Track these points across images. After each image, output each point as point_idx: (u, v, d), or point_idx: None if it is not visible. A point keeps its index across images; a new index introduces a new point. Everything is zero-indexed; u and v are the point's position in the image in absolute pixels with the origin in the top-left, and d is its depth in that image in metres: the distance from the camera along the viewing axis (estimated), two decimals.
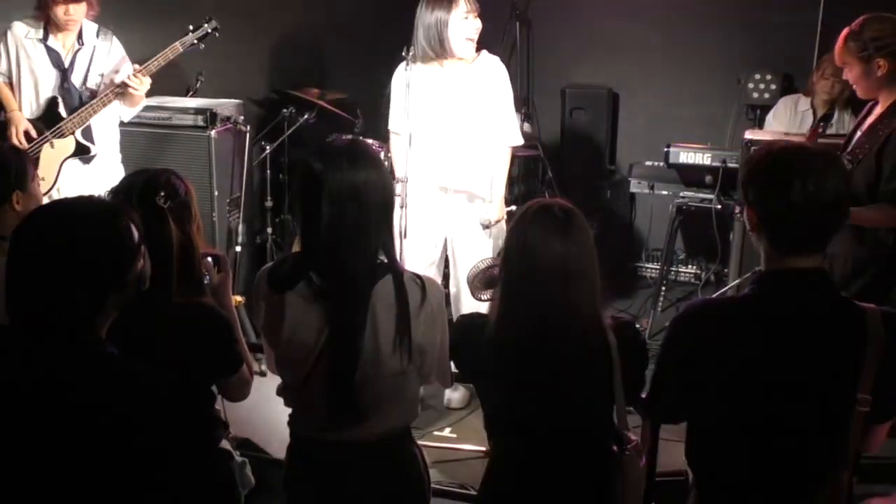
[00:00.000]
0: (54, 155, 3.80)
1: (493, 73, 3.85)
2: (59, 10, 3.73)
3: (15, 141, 3.71)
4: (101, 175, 3.99)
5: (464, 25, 3.71)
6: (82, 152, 3.90)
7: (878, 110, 3.15)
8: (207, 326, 2.22)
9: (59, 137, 3.82)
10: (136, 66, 3.84)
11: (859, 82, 3.14)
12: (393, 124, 3.97)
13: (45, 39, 3.83)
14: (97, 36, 3.94)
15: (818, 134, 3.68)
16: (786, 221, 1.85)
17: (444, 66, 3.80)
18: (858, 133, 3.21)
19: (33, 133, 3.76)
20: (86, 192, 3.79)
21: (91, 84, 3.91)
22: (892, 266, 3.12)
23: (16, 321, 1.63)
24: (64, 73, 3.86)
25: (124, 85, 3.81)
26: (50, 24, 3.83)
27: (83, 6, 3.76)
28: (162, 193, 2.18)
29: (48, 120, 3.83)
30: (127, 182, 2.28)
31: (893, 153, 2.99)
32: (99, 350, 1.66)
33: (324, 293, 2.09)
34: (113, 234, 1.67)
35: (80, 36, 3.89)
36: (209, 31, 3.99)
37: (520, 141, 3.97)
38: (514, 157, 4.09)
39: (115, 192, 2.29)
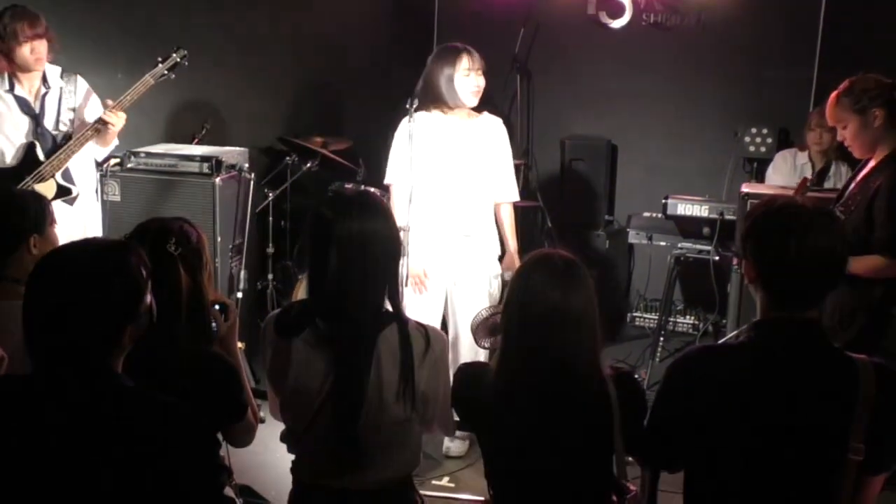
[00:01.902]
0: None
1: (495, 133, 3.99)
2: (26, 50, 3.76)
3: None
4: (82, 215, 4.02)
5: (466, 81, 3.85)
6: (64, 194, 3.92)
7: (871, 163, 3.22)
8: (215, 374, 2.24)
9: (39, 182, 3.82)
10: (110, 102, 3.88)
11: (856, 138, 3.20)
12: (390, 177, 4.03)
13: (11, 89, 3.86)
14: (61, 77, 3.98)
15: (807, 187, 3.75)
16: (782, 277, 1.89)
17: (446, 115, 3.90)
18: (852, 185, 3.28)
19: None
20: (69, 233, 3.81)
21: (63, 126, 3.93)
22: (878, 317, 3.15)
23: (37, 362, 1.67)
24: (36, 119, 3.89)
25: (102, 122, 3.85)
26: (13, 73, 3.86)
27: (45, 43, 3.80)
28: (173, 240, 2.22)
29: (27, 166, 3.83)
30: (140, 228, 2.32)
31: (884, 204, 3.06)
32: (118, 383, 1.70)
33: (329, 340, 2.12)
34: (124, 267, 1.72)
35: (44, 80, 3.92)
36: (178, 60, 4.00)
37: (517, 197, 4.12)
38: (514, 209, 4.18)
39: (128, 238, 2.33)
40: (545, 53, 6.12)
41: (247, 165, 4.55)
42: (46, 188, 3.85)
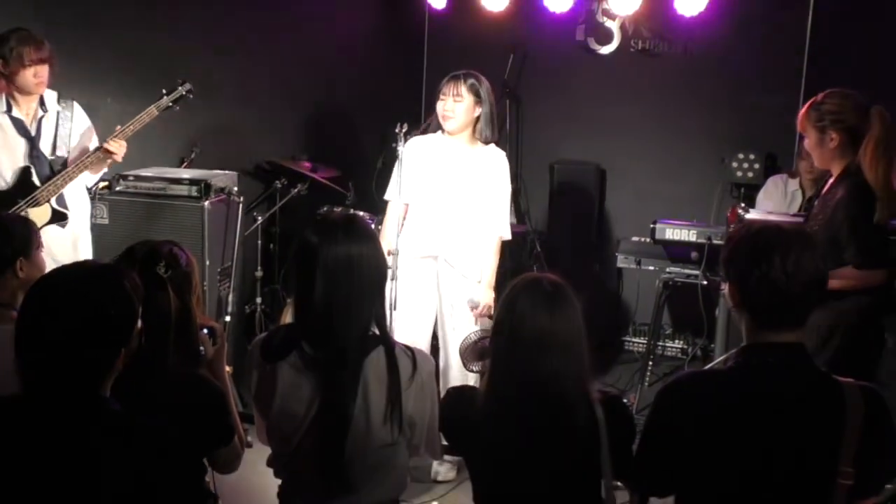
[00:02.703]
0: None
1: (496, 165, 3.98)
2: (29, 74, 3.77)
3: None
4: (73, 237, 4.01)
5: (439, 105, 3.92)
6: (59, 219, 3.91)
7: (830, 182, 3.26)
8: (202, 398, 2.23)
9: (34, 206, 3.81)
10: (119, 128, 3.89)
11: (814, 150, 3.28)
12: (387, 195, 4.07)
13: (8, 111, 3.86)
14: (58, 102, 3.98)
15: (739, 215, 3.82)
16: (766, 298, 1.90)
17: (447, 139, 3.95)
18: (815, 204, 3.32)
19: None
20: (60, 255, 3.77)
21: (60, 152, 3.93)
22: (854, 338, 3.15)
23: (28, 385, 1.66)
24: (32, 142, 3.88)
25: (104, 150, 3.85)
26: (11, 95, 3.86)
27: (47, 68, 3.81)
28: (163, 263, 2.22)
29: (22, 189, 3.82)
30: (129, 251, 2.32)
31: (844, 219, 3.09)
32: (105, 407, 1.70)
33: (315, 363, 2.12)
34: (119, 293, 1.73)
35: (42, 103, 3.93)
36: (183, 93, 4.04)
37: (508, 236, 4.07)
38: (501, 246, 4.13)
39: (117, 260, 2.33)
40: (534, 79, 6.17)
41: (236, 189, 4.55)
42: (41, 213, 3.84)
